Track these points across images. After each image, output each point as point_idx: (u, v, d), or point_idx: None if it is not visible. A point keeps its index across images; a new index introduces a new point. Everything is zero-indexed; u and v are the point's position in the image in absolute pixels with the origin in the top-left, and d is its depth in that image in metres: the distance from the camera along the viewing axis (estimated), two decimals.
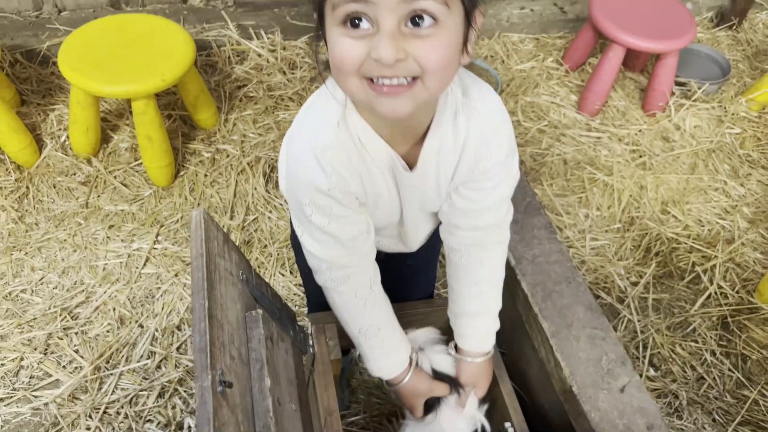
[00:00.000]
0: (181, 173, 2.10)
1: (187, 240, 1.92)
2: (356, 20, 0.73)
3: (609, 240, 2.04)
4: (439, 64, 0.76)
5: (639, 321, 1.86)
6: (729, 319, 1.88)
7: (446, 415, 1.15)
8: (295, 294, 1.83)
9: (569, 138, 2.33)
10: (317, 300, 1.37)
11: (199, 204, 2.01)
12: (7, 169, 2.03)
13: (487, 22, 2.66)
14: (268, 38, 2.48)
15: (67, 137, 2.09)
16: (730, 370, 1.80)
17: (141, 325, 1.74)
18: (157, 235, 1.93)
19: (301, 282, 1.83)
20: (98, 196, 2.01)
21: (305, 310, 1.71)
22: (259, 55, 2.44)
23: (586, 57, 2.56)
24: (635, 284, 1.94)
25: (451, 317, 1.16)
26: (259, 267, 1.88)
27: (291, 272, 1.89)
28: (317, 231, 0.98)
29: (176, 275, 1.85)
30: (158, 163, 1.98)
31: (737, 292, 1.94)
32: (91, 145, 2.05)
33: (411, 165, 0.94)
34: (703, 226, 2.11)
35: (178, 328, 1.74)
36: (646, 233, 2.06)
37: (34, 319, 1.73)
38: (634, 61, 2.57)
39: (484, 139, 0.93)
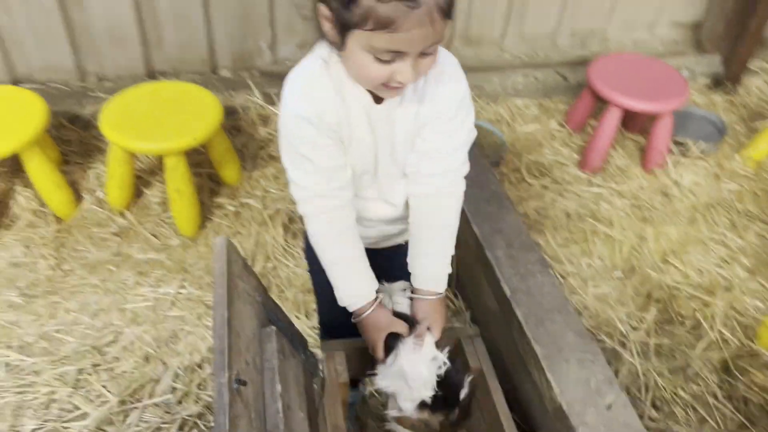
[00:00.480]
0: (207, 225, 2.25)
1: (209, 285, 2.05)
2: (387, 60, 1.00)
3: (611, 287, 2.13)
4: (428, 69, 1.06)
5: (641, 364, 1.92)
6: (730, 363, 1.93)
7: (406, 356, 1.22)
8: (308, 335, 1.94)
9: (572, 193, 2.46)
10: (329, 322, 1.51)
11: None
12: (48, 221, 2.20)
13: (493, 89, 2.86)
14: None
15: (104, 192, 2.28)
16: (732, 412, 1.84)
17: (164, 363, 1.85)
18: (183, 280, 2.07)
19: (315, 324, 1.94)
20: (129, 246, 2.16)
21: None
22: None
23: (586, 119, 2.72)
24: (636, 329, 2.01)
25: (409, 261, 1.31)
26: None
27: (306, 316, 2.00)
28: (301, 159, 1.16)
29: (199, 318, 1.97)
30: (186, 215, 2.14)
31: (737, 338, 2.00)
32: (125, 199, 2.23)
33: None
34: (702, 275, 2.19)
35: (199, 366, 1.85)
36: (647, 281, 2.15)
37: (66, 356, 1.85)
38: (632, 122, 2.73)
39: (444, 86, 1.15)
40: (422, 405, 1.26)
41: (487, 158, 1.86)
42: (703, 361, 1.94)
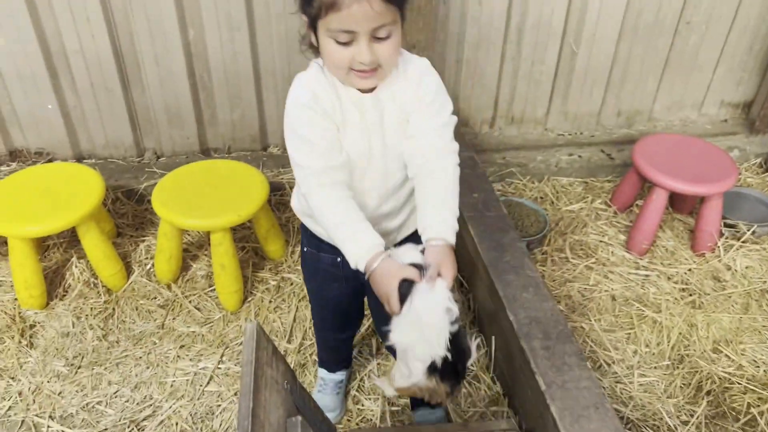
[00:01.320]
0: (249, 299, 2.29)
1: None
2: (344, 41, 1.19)
3: (658, 377, 2.04)
4: (391, 58, 1.25)
5: None
6: None
7: (420, 300, 1.20)
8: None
9: (617, 275, 2.41)
10: (323, 343, 1.86)
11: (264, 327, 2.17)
12: (98, 292, 2.28)
13: (537, 167, 2.86)
14: None
15: (152, 265, 2.36)
16: None
17: None
18: (222, 355, 2.09)
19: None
20: (173, 319, 2.22)
21: None
22: None
23: (632, 199, 2.68)
24: (686, 423, 1.91)
25: (418, 221, 1.37)
26: (310, 388, 1.98)
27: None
28: (301, 141, 1.32)
29: (235, 394, 1.98)
30: (229, 289, 2.19)
31: None
32: (172, 272, 2.30)
33: None
34: (758, 366, 2.08)
35: None
36: (697, 371, 2.05)
37: (105, 429, 1.88)
38: (681, 203, 2.67)
39: (421, 78, 1.34)
40: (432, 369, 1.23)
41: (526, 240, 1.85)
42: None
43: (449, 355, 1.21)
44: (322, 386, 1.94)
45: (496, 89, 2.83)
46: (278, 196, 2.71)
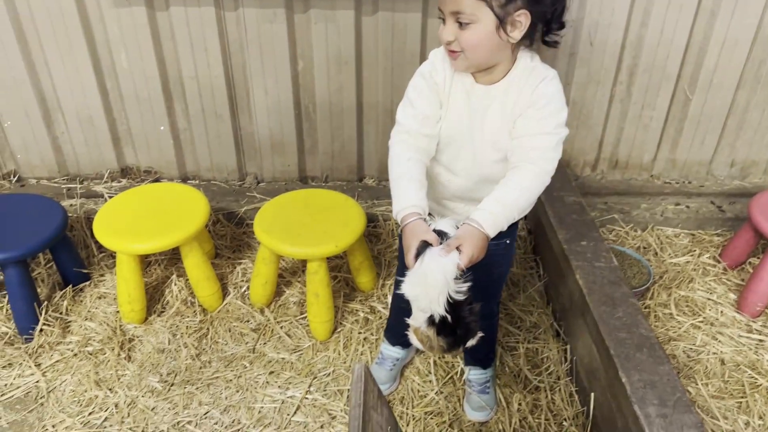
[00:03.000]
0: (338, 329, 2.28)
1: (336, 393, 2.05)
2: (440, 18, 1.39)
3: None
4: (472, 47, 1.36)
5: None
6: None
7: (429, 260, 1.32)
8: None
9: (727, 337, 2.24)
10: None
11: (351, 359, 2.16)
12: (194, 311, 2.34)
13: (641, 215, 2.74)
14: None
15: (248, 288, 2.40)
16: None
17: None
18: (310, 385, 2.09)
19: None
20: (264, 343, 2.23)
21: None
22: None
23: (745, 256, 2.51)
24: None
25: None
26: (399, 418, 1.94)
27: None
28: (407, 102, 1.52)
29: (321, 426, 1.96)
30: (321, 319, 2.19)
31: None
32: (266, 296, 2.32)
33: None
34: None
35: None
36: None
37: None
38: None
39: (540, 83, 1.42)
40: (431, 321, 1.37)
41: (634, 294, 1.75)
42: None
43: (448, 317, 1.35)
44: (380, 360, 2.10)
45: (601, 131, 2.74)
46: (371, 227, 2.71)
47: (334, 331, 2.28)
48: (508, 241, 1.72)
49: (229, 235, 2.66)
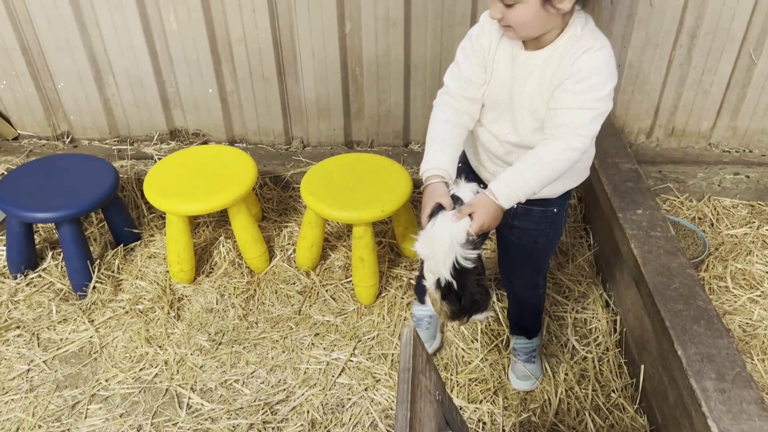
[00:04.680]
0: (383, 294, 2.28)
1: (380, 357, 2.06)
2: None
3: None
4: (518, 25, 1.34)
5: None
6: None
7: (439, 222, 1.37)
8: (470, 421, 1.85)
9: None
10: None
11: (396, 325, 2.16)
12: (242, 273, 2.37)
13: (697, 185, 2.64)
14: None
15: (294, 251, 2.41)
16: None
17: (329, 431, 1.87)
18: (354, 348, 2.10)
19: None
20: (310, 306, 2.25)
21: None
22: None
23: None
24: None
25: None
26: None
27: (469, 401, 1.92)
28: (453, 64, 1.54)
29: (366, 389, 1.97)
30: (366, 283, 2.19)
31: None
32: (312, 260, 2.33)
33: None
34: None
35: None
36: None
37: (241, 408, 1.94)
38: None
39: (582, 54, 1.37)
40: (438, 284, 1.42)
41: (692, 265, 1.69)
42: None
43: (454, 283, 1.38)
44: (415, 322, 2.12)
45: (658, 97, 2.63)
46: (416, 193, 2.68)
47: (378, 295, 2.28)
48: (555, 210, 1.67)
49: (275, 199, 2.67)
